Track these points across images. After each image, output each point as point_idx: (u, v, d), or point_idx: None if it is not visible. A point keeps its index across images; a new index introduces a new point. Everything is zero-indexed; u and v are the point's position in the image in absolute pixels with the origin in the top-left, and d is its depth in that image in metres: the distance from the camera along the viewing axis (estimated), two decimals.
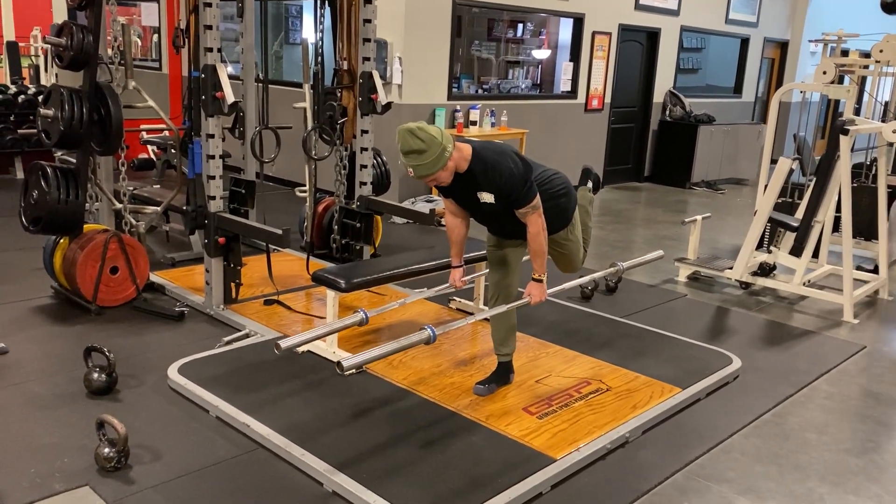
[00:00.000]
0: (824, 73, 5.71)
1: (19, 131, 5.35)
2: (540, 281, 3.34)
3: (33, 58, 12.07)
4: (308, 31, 9.57)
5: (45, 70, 11.95)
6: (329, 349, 3.82)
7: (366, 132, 5.09)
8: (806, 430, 3.53)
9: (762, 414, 3.64)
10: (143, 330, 4.25)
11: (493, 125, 7.84)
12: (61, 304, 4.56)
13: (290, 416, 3.24)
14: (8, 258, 5.39)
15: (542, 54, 9.46)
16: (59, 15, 12.31)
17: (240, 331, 4.21)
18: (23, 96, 7.99)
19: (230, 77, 4.15)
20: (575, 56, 8.96)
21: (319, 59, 4.96)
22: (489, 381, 3.57)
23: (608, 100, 9.52)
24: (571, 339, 4.28)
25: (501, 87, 8.97)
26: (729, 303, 5.40)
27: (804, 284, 5.40)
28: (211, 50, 4.10)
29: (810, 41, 11.92)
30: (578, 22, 8.85)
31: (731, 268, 5.61)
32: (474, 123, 7.57)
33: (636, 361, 4.01)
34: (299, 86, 6.42)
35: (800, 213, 5.61)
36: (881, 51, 6.37)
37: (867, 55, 6.94)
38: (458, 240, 3.47)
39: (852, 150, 5.18)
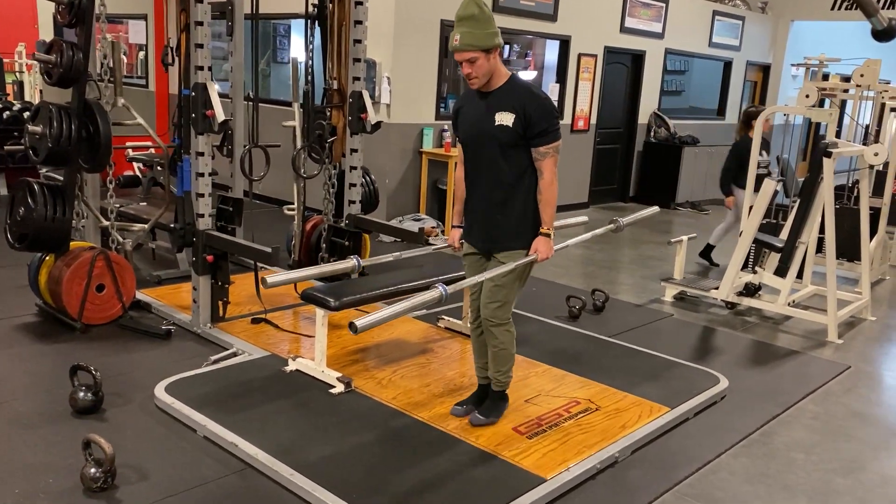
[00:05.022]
0: (807, 96, 5.80)
1: (6, 147, 5.29)
2: (548, 236, 3.18)
3: (17, 74, 12.03)
4: (297, 51, 9.62)
5: (31, 86, 11.93)
6: (318, 368, 3.80)
7: (355, 151, 5.11)
8: (793, 449, 3.55)
9: (749, 434, 3.66)
10: (129, 348, 4.21)
11: None
12: (46, 322, 4.52)
13: (278, 435, 3.22)
14: None
15: (528, 76, 9.55)
16: (45, 31, 12.31)
17: (227, 349, 4.18)
18: (7, 112, 7.94)
19: (219, 95, 4.15)
20: (561, 77, 9.05)
21: (310, 78, 4.98)
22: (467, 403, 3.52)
23: (594, 121, 9.61)
24: (560, 358, 4.28)
25: None
26: (715, 322, 5.44)
27: (789, 304, 5.45)
28: (202, 68, 4.11)
29: (792, 65, 12.12)
30: (565, 44, 8.95)
31: (716, 288, 5.65)
32: None
33: (624, 381, 4.02)
34: (287, 104, 6.44)
35: (784, 234, 5.67)
36: (861, 75, 6.49)
37: (847, 79, 7.07)
38: (462, 197, 3.36)
39: (834, 172, 5.26)
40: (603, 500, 3.00)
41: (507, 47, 9.67)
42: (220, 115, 4.10)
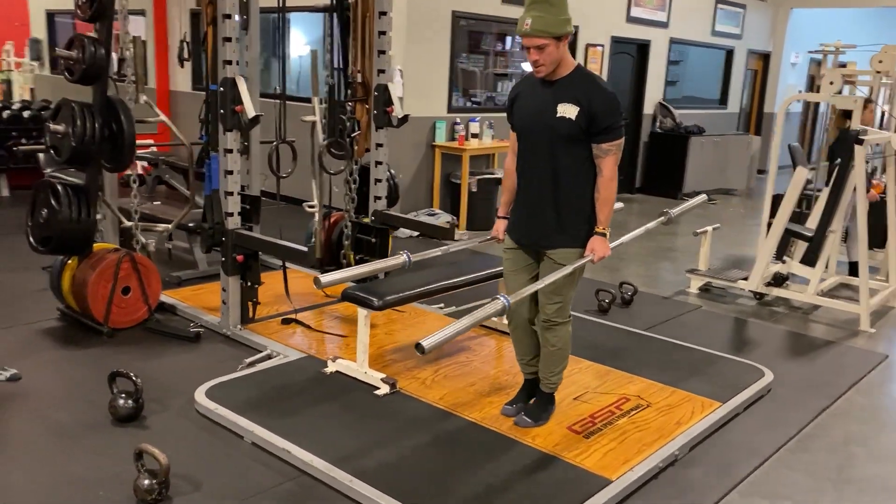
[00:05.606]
0: (831, 83, 5.75)
1: (20, 147, 5.14)
2: (604, 235, 3.06)
3: (6, 72, 11.80)
4: (296, 45, 9.46)
5: (20, 85, 11.70)
6: (361, 369, 3.70)
7: (380, 145, 4.99)
8: (850, 443, 3.49)
9: (803, 427, 3.60)
10: (159, 352, 4.10)
11: (492, 137, 7.77)
12: (69, 326, 4.39)
13: (330, 440, 3.12)
14: (3, 280, 5.19)
15: (529, 67, 9.44)
16: (36, 29, 12.08)
17: (260, 351, 4.07)
18: (7, 111, 7.76)
19: None
20: None
21: (337, 70, 4.86)
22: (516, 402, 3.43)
23: None
24: (599, 353, 4.20)
25: (497, 100, 8.93)
26: (744, 314, 5.38)
27: (818, 294, 5.41)
28: (230, 62, 3.98)
29: (810, 52, 12.08)
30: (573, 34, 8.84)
31: (744, 278, 5.60)
32: (476, 136, 7.50)
33: (669, 376, 3.94)
34: (290, 99, 6.29)
35: (809, 223, 5.61)
36: (880, 61, 6.44)
37: (842, 66, 7.00)
38: (511, 187, 3.25)
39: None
40: (669, 500, 2.92)
41: (508, 39, 9.59)
42: (251, 111, 3.98)
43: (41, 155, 6.86)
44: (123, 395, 3.29)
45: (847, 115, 5.60)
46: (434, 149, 7.52)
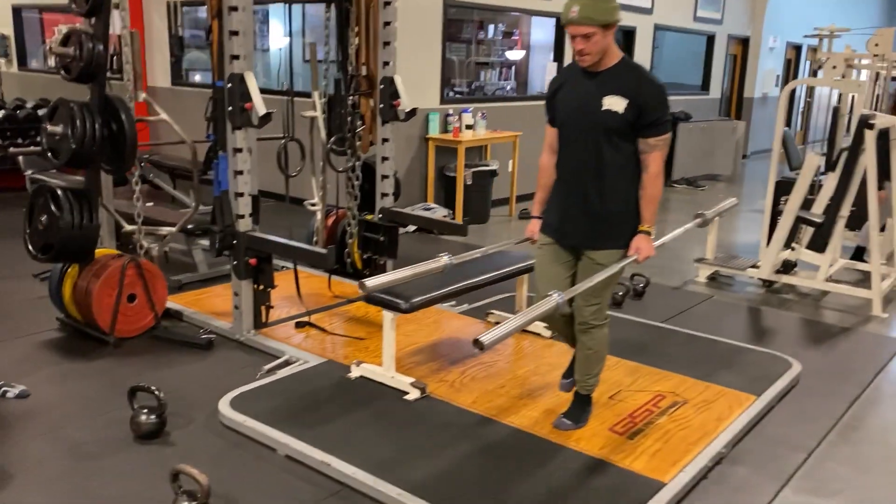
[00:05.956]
0: (834, 67, 5.72)
1: (9, 150, 4.90)
2: (649, 234, 2.94)
3: None
4: (276, 38, 9.26)
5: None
6: (387, 374, 3.57)
7: (387, 140, 4.85)
8: (889, 432, 3.46)
9: (840, 418, 3.55)
10: (170, 362, 3.92)
11: (485, 128, 7.64)
12: (72, 337, 4.19)
13: (369, 450, 2.99)
14: None
15: (516, 55, 9.33)
16: (3, 25, 11.65)
17: (278, 357, 3.93)
18: None
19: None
20: (558, 56, 8.86)
21: (348, 63, 4.71)
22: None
23: None
24: (625, 349, 4.11)
25: (486, 90, 8.82)
26: (756, 302, 5.35)
27: (827, 280, 5.39)
28: (238, 57, 3.81)
29: (819, 37, 12.15)
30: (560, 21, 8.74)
31: (753, 266, 5.56)
32: (470, 127, 7.37)
33: (698, 370, 3.87)
34: (273, 93, 6.13)
35: (815, 208, 5.58)
36: (876, 45, 6.44)
37: (814, 50, 6.99)
38: (547, 185, 3.12)
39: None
40: (725, 500, 2.85)
41: (491, 27, 9.45)
42: (261, 109, 3.82)
43: (21, 157, 6.58)
44: (146, 411, 3.12)
45: None
46: (427, 142, 7.37)
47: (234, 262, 4.07)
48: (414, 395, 3.46)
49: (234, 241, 4.03)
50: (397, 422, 3.26)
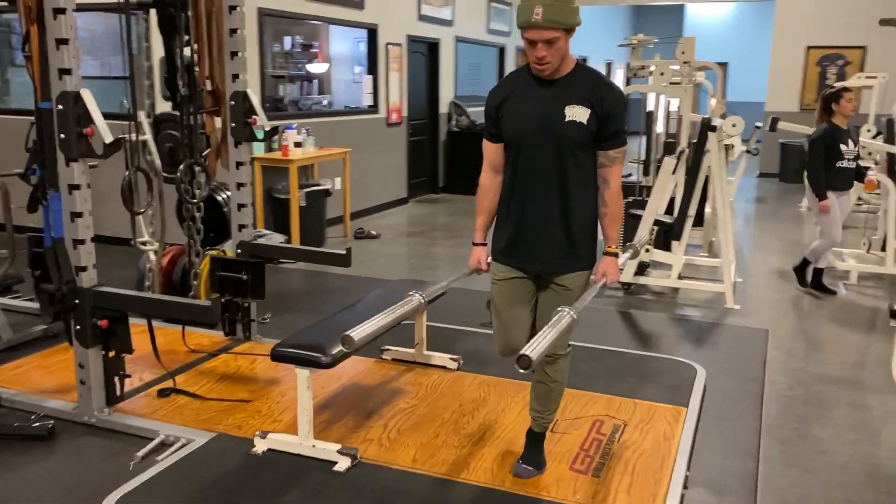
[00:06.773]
0: (662, 73, 5.97)
1: None
2: (615, 255, 2.75)
3: None
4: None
5: None
6: (306, 443, 3.00)
7: (242, 164, 4.22)
8: (811, 426, 3.53)
9: (761, 422, 3.57)
10: (3, 463, 3.03)
11: (314, 145, 7.11)
12: None
13: None
14: None
15: (319, 68, 8.83)
16: None
17: (151, 439, 3.18)
18: None
19: None
20: (372, 69, 8.53)
21: (175, 78, 3.99)
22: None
23: (406, 113, 9.24)
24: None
25: (301, 104, 8.24)
26: (620, 305, 5.39)
27: (678, 278, 5.59)
28: (69, 72, 3.03)
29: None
30: (372, 33, 8.43)
31: None
32: (299, 145, 6.78)
33: (617, 386, 3.74)
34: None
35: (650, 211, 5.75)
36: (683, 52, 6.84)
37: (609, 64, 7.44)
38: (490, 208, 2.80)
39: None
40: None
41: (288, 39, 8.87)
42: (107, 135, 3.07)
43: None
44: None
45: (829, 108, 5.30)
46: (253, 162, 6.66)
47: (78, 327, 3.25)
48: (344, 464, 2.94)
49: (77, 301, 3.21)
50: (334, 501, 2.72)
